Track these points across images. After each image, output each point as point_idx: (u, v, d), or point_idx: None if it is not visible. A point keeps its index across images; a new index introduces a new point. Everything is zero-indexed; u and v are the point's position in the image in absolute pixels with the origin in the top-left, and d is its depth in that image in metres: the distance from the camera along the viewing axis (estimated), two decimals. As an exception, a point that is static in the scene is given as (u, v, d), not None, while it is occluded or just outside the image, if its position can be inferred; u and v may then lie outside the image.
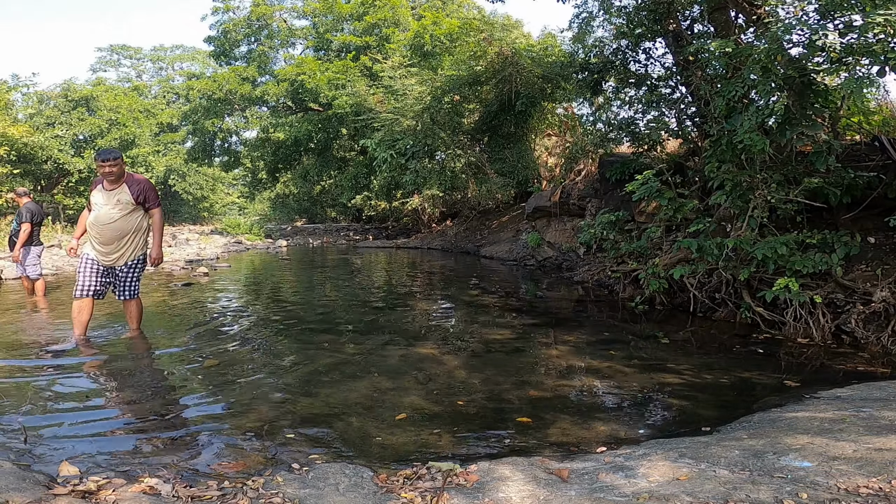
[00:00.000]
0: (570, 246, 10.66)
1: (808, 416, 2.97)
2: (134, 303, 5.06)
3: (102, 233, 4.75)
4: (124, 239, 4.82)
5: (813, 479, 2.16)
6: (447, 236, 17.11)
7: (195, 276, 10.12)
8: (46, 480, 2.24)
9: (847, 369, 4.19)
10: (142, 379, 4.00)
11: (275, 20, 25.42)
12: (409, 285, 9.61)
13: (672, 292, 6.60)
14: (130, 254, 4.88)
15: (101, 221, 4.74)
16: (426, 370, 4.17)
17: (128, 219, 4.80)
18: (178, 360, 4.44)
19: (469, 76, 13.96)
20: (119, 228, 4.77)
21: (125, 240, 4.83)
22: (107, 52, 42.76)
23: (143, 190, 4.85)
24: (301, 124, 22.29)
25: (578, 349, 4.89)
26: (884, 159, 5.61)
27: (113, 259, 4.84)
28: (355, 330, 5.66)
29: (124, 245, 4.84)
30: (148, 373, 4.16)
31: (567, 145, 13.62)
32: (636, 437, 2.97)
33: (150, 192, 4.90)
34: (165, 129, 35.22)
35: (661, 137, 8.30)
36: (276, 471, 2.45)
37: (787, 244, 5.19)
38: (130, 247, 4.87)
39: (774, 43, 5.04)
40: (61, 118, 27.42)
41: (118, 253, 4.83)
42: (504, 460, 2.55)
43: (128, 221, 4.80)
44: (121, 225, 4.78)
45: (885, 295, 4.76)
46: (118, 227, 4.77)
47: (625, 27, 8.24)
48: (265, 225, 28.28)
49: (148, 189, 4.89)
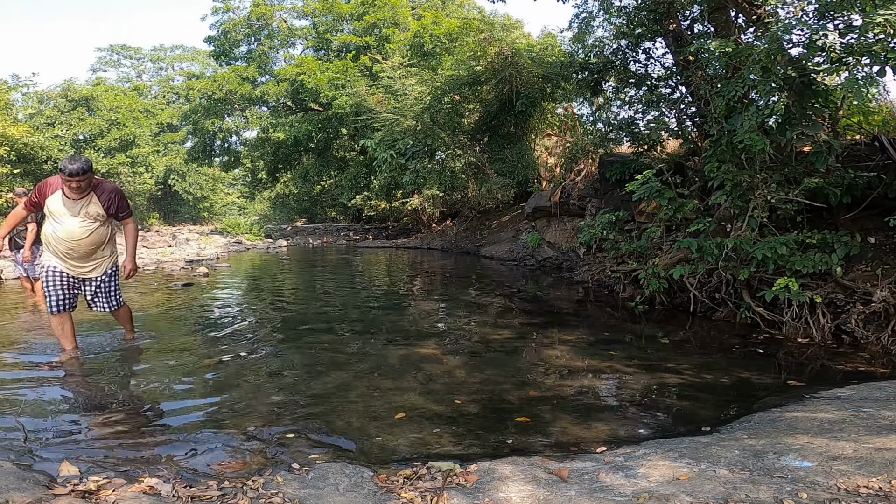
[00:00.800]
0: (570, 246, 10.66)
1: (808, 416, 2.97)
2: (122, 311, 4.82)
3: (74, 248, 4.35)
4: (98, 251, 4.48)
5: (813, 479, 2.16)
6: (447, 236, 17.11)
7: (195, 276, 10.12)
8: (46, 480, 2.24)
9: (847, 369, 4.19)
10: (141, 379, 4.00)
11: (275, 20, 25.43)
12: (409, 285, 9.61)
13: (672, 292, 6.60)
14: (106, 264, 4.56)
15: (72, 237, 4.30)
16: (426, 370, 4.17)
17: (100, 232, 4.42)
18: (178, 361, 4.44)
19: (469, 76, 13.96)
20: (93, 243, 4.40)
21: (99, 252, 4.49)
22: (107, 52, 42.83)
23: (115, 200, 4.42)
24: (301, 124, 22.30)
25: (578, 349, 4.89)
26: (884, 159, 5.61)
27: (86, 271, 4.49)
28: (355, 330, 5.66)
29: (99, 257, 4.51)
30: (147, 373, 4.16)
31: (567, 145, 13.61)
32: (636, 437, 2.96)
33: (121, 202, 4.47)
34: (165, 129, 35.25)
35: (661, 137, 8.30)
36: (276, 471, 2.45)
37: (787, 244, 5.19)
38: (105, 258, 4.55)
39: (774, 43, 5.04)
40: (61, 118, 27.44)
41: (92, 265, 4.49)
42: (504, 460, 2.55)
43: (100, 234, 4.42)
44: (94, 239, 4.39)
45: (885, 295, 4.76)
46: (91, 242, 4.38)
47: (625, 27, 8.24)
48: (265, 225, 28.28)
49: (119, 198, 4.46)
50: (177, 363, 4.37)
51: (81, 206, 4.30)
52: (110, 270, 4.60)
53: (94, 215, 4.34)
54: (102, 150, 27.69)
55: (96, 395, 3.64)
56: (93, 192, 4.33)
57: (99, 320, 5.64)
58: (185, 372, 4.14)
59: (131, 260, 4.66)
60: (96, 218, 4.35)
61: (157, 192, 34.72)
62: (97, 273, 4.53)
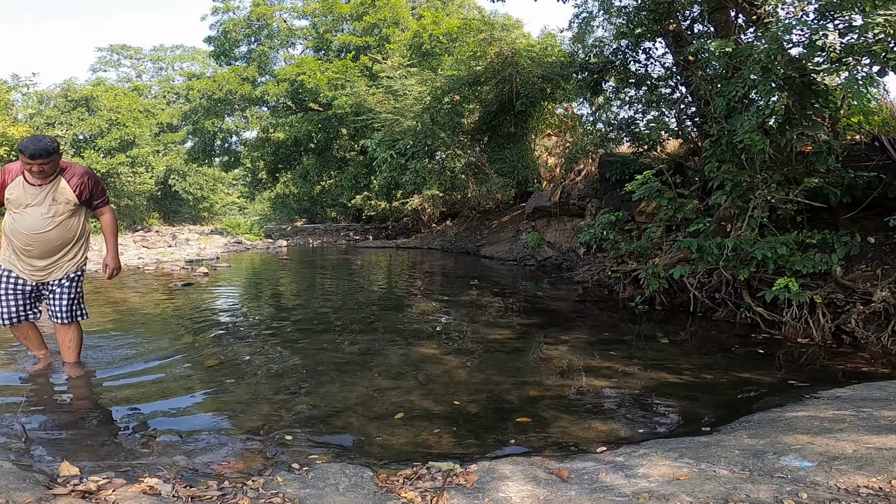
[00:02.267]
0: (570, 246, 10.66)
1: (808, 416, 2.97)
2: (72, 329, 3.91)
3: (35, 244, 3.63)
4: (64, 249, 3.73)
5: (813, 479, 2.16)
6: (447, 236, 17.09)
7: (195, 276, 10.11)
8: (46, 480, 2.24)
9: (847, 369, 4.19)
10: (141, 379, 4.00)
11: (275, 20, 25.42)
12: (408, 285, 9.61)
13: (672, 292, 6.60)
14: (67, 266, 3.78)
15: (32, 229, 3.60)
16: (426, 370, 4.17)
17: (69, 224, 3.69)
18: (178, 361, 4.44)
19: (469, 76, 13.96)
20: (59, 238, 3.66)
21: (65, 250, 3.73)
22: (107, 52, 42.78)
23: (87, 184, 3.71)
24: (301, 124, 22.28)
25: (578, 349, 4.89)
26: (884, 159, 5.61)
27: (45, 274, 3.74)
28: (355, 330, 5.66)
29: (63, 256, 3.74)
30: (147, 373, 4.15)
31: (567, 145, 13.61)
32: (636, 437, 2.97)
33: (95, 187, 3.77)
34: (165, 129, 35.22)
35: (661, 137, 8.30)
36: (276, 471, 2.45)
37: (787, 244, 5.20)
38: (70, 258, 3.78)
39: (774, 43, 5.04)
40: (61, 118, 27.40)
41: (52, 267, 3.73)
42: (504, 460, 2.55)
43: (69, 227, 3.69)
44: (61, 233, 3.66)
45: (885, 295, 4.76)
46: (57, 237, 3.65)
47: (625, 27, 8.24)
48: (265, 225, 28.26)
49: (93, 182, 3.75)
50: (176, 363, 4.37)
51: (47, 193, 3.60)
52: (73, 275, 3.82)
53: (63, 202, 3.63)
54: (102, 150, 27.67)
55: (96, 395, 3.64)
56: (61, 177, 3.64)
57: (94, 321, 5.63)
58: (185, 372, 4.14)
59: (112, 257, 3.93)
60: (65, 206, 3.64)
61: (157, 192, 34.69)
62: (56, 276, 3.76)
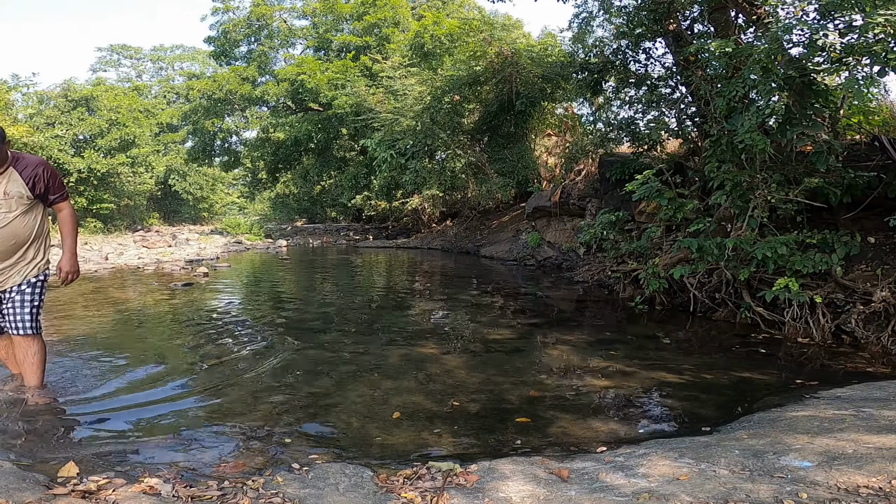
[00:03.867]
0: (570, 246, 10.66)
1: (808, 416, 2.97)
2: (35, 342, 3.40)
3: None
4: (21, 251, 3.31)
5: (813, 478, 2.16)
6: (447, 236, 17.09)
7: (195, 276, 10.11)
8: (46, 480, 2.24)
9: (847, 369, 4.19)
10: (140, 379, 4.00)
11: (275, 20, 25.41)
12: (408, 285, 9.61)
13: (672, 292, 6.60)
14: (26, 270, 3.35)
15: None
16: (426, 370, 4.17)
17: (24, 220, 3.28)
18: (178, 360, 4.44)
19: (469, 76, 13.97)
20: (12, 237, 3.24)
21: (22, 251, 3.31)
22: (107, 52, 42.77)
23: (42, 176, 3.29)
24: (301, 124, 22.29)
25: (578, 349, 4.89)
26: (884, 159, 5.61)
27: (2, 280, 3.31)
28: (355, 330, 5.66)
29: (18, 259, 3.31)
30: (146, 373, 4.15)
31: (567, 145, 13.62)
32: (636, 437, 2.97)
33: (51, 179, 3.35)
34: (165, 129, 35.21)
35: (661, 137, 8.30)
36: (276, 471, 2.45)
37: (787, 244, 5.20)
38: (27, 261, 3.35)
39: (774, 43, 5.04)
40: (61, 118, 27.38)
41: (11, 270, 3.31)
42: (504, 460, 2.55)
43: (22, 226, 3.28)
44: (13, 232, 3.24)
45: (885, 295, 4.76)
46: (10, 236, 3.24)
47: (625, 27, 8.24)
48: (265, 225, 28.26)
49: (48, 174, 3.33)
50: (176, 363, 4.37)
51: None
52: (34, 279, 3.37)
53: (15, 196, 3.22)
54: (102, 150, 27.66)
55: (95, 395, 3.64)
56: (11, 168, 3.22)
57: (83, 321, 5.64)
58: (185, 372, 4.14)
59: (68, 259, 3.43)
60: (18, 201, 3.23)
61: (157, 192, 34.71)
62: (11, 283, 3.32)
